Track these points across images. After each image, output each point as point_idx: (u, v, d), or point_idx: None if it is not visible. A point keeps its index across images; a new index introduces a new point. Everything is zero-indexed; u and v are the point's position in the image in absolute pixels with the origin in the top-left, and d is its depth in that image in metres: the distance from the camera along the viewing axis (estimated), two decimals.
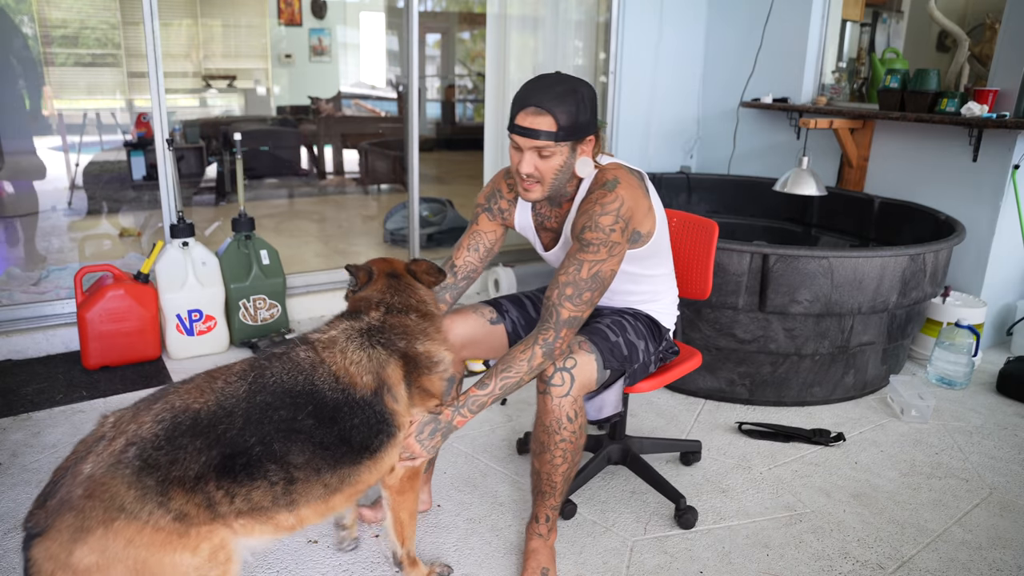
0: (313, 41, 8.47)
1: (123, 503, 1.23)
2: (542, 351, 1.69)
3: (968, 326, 3.08)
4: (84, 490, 1.22)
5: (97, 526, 1.21)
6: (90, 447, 1.29)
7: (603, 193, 1.73)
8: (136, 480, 1.25)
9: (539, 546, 1.89)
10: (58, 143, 6.50)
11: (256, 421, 1.38)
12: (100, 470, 1.24)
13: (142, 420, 1.32)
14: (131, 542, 1.22)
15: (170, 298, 3.12)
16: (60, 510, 1.21)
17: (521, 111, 1.68)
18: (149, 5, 3.06)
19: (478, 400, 1.68)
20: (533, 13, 4.20)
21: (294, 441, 1.40)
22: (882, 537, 2.13)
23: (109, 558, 1.21)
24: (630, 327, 1.93)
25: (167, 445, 1.29)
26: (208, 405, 1.36)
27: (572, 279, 1.70)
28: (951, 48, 4.08)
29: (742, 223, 4.16)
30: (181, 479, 1.28)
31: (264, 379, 1.44)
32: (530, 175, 1.72)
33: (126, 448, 1.27)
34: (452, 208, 4.92)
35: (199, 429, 1.32)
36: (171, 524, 1.26)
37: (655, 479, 2.22)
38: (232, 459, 1.33)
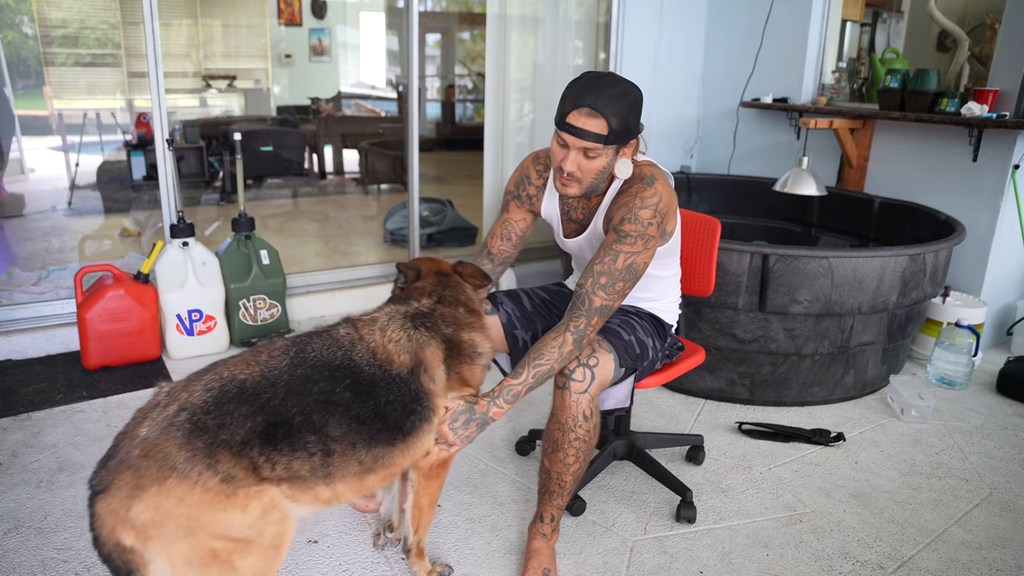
0: (313, 41, 8.48)
1: (175, 463, 1.30)
2: (573, 338, 1.71)
3: (968, 326, 3.08)
4: (140, 451, 1.31)
5: (151, 484, 1.28)
6: (146, 413, 1.38)
7: (643, 187, 1.76)
8: (186, 442, 1.32)
9: (542, 546, 1.89)
10: (58, 143, 6.50)
11: (297, 392, 1.44)
12: (154, 432, 1.33)
13: (193, 388, 1.40)
14: (182, 500, 1.30)
15: (170, 298, 3.12)
16: (119, 469, 1.30)
17: (575, 110, 1.67)
18: (149, 5, 3.06)
19: (513, 390, 1.68)
20: (533, 13, 4.20)
21: (332, 413, 1.46)
22: (882, 537, 2.13)
23: (163, 514, 1.28)
24: (638, 326, 1.95)
25: (215, 410, 1.37)
26: (253, 376, 1.44)
27: (607, 268, 1.72)
28: (951, 48, 4.08)
29: (742, 223, 4.16)
30: (228, 443, 1.35)
31: (305, 353, 1.51)
32: (571, 174, 1.73)
33: (178, 412, 1.35)
34: (452, 208, 4.91)
35: (245, 397, 1.40)
36: (218, 485, 1.33)
37: (661, 473, 2.23)
38: (275, 427, 1.40)
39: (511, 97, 4.27)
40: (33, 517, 2.08)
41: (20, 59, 6.62)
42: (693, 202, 4.31)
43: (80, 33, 6.92)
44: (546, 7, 4.19)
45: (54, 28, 6.67)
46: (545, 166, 1.99)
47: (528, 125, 4.36)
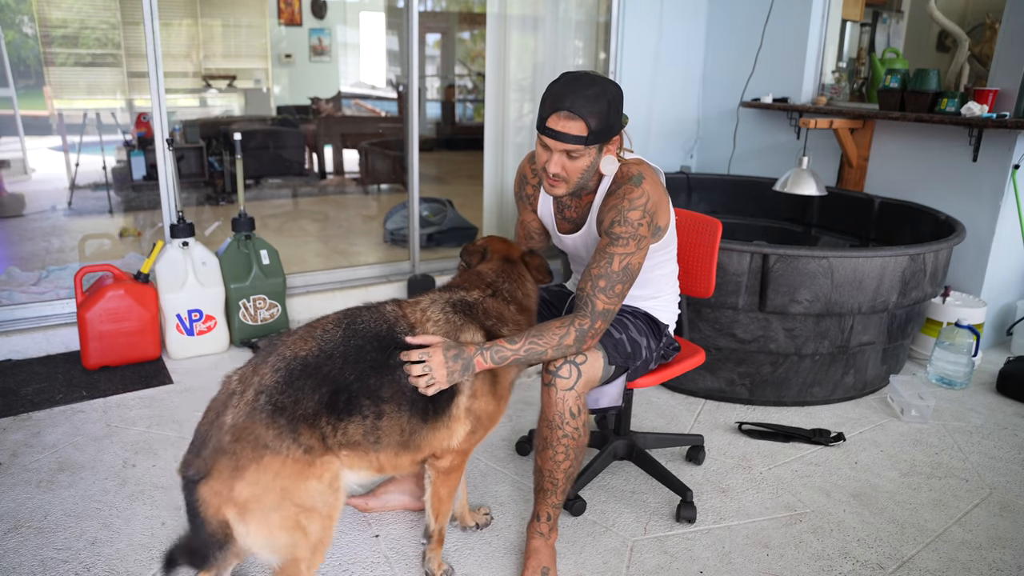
0: (313, 41, 8.48)
1: (266, 442, 1.43)
2: (576, 333, 1.73)
3: (968, 326, 3.08)
4: (231, 436, 1.43)
5: (250, 463, 1.41)
6: (225, 403, 1.49)
7: (630, 188, 1.77)
8: (272, 421, 1.45)
9: (540, 545, 1.89)
10: (58, 143, 6.51)
11: (353, 361, 1.56)
12: (240, 418, 1.45)
13: (263, 372, 1.51)
14: (278, 474, 1.43)
15: (170, 298, 3.12)
16: (216, 456, 1.42)
17: (553, 114, 1.70)
18: (149, 5, 3.06)
19: (502, 352, 1.69)
20: (533, 13, 4.20)
21: (383, 376, 1.57)
22: (882, 537, 2.13)
23: (262, 488, 1.42)
24: (631, 324, 1.95)
25: (288, 389, 1.49)
26: (312, 351, 1.55)
27: (604, 272, 1.75)
28: (951, 48, 4.08)
29: (742, 223, 4.16)
30: (304, 416, 1.48)
31: (356, 326, 1.62)
32: (557, 175, 1.76)
33: (257, 396, 1.47)
34: (452, 208, 4.91)
35: (309, 371, 1.52)
36: (303, 456, 1.46)
37: (661, 473, 2.23)
38: (337, 395, 1.52)
39: (511, 97, 4.27)
40: (33, 517, 2.08)
41: (20, 59, 6.62)
42: (693, 202, 4.31)
43: (80, 33, 6.93)
44: (546, 7, 4.19)
45: (54, 28, 6.68)
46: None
47: (528, 125, 4.36)
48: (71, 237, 4.91)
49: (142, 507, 2.14)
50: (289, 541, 1.48)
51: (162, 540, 2.00)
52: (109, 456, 2.41)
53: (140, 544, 1.98)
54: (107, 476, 2.29)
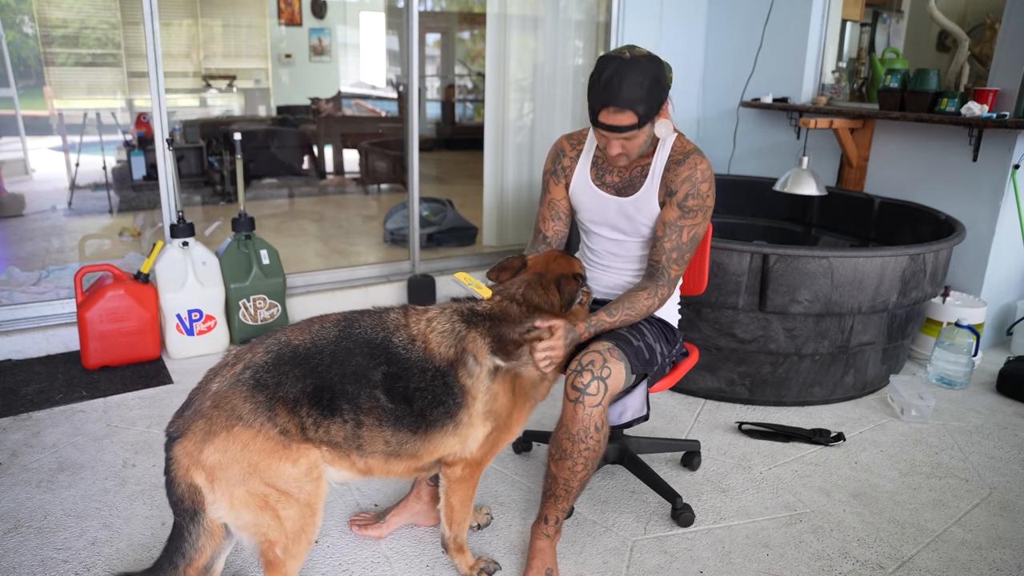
0: (313, 41, 8.48)
1: (241, 413, 1.48)
2: (659, 301, 1.90)
3: (968, 326, 3.08)
4: (212, 402, 1.49)
5: (221, 430, 1.46)
6: (217, 372, 1.56)
7: (699, 158, 1.90)
8: (251, 395, 1.50)
9: (545, 546, 1.89)
10: (58, 143, 6.51)
11: (339, 362, 1.58)
12: (224, 386, 1.51)
13: (256, 350, 1.57)
14: (246, 446, 1.47)
15: (170, 298, 3.12)
16: (193, 418, 1.48)
17: (602, 110, 1.79)
18: (149, 5, 3.06)
19: (602, 325, 1.84)
20: (533, 13, 4.20)
21: (363, 387, 1.58)
22: (882, 537, 2.13)
23: (229, 458, 1.46)
24: (647, 331, 1.96)
25: (274, 370, 1.53)
26: (305, 342, 1.59)
27: (676, 244, 1.90)
28: (951, 48, 4.08)
29: (742, 223, 4.16)
30: (284, 399, 1.51)
31: (352, 328, 1.64)
32: (620, 154, 1.86)
33: (243, 370, 1.53)
34: (452, 208, 4.91)
35: (298, 360, 1.56)
36: (277, 436, 1.50)
37: (652, 478, 2.22)
38: (320, 391, 1.55)
39: (511, 97, 4.27)
40: (33, 517, 2.08)
41: (21, 59, 6.62)
42: None
43: (80, 33, 6.93)
44: (546, 7, 4.19)
45: (54, 28, 6.68)
46: (579, 140, 2.08)
47: (528, 125, 4.36)
48: (71, 237, 4.91)
49: (142, 507, 2.14)
50: (256, 519, 1.50)
51: (162, 540, 1.99)
52: (109, 456, 2.41)
53: (140, 544, 1.98)
54: (107, 476, 2.29)
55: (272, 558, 1.55)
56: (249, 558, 1.93)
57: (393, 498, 2.22)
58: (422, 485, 2.06)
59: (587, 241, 2.14)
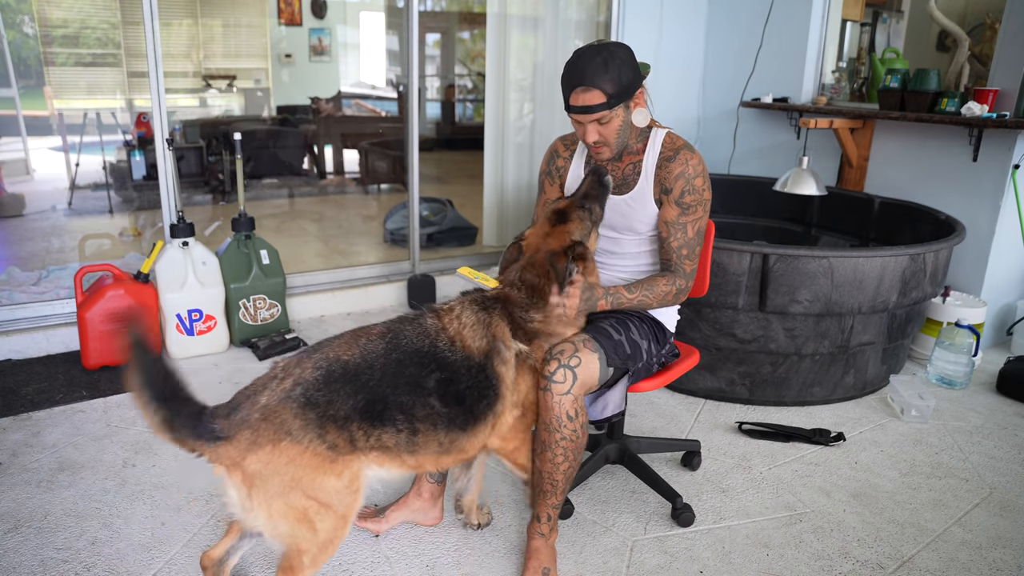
0: (313, 41, 8.48)
1: (290, 428, 1.48)
2: (676, 291, 1.92)
3: (968, 326, 3.08)
4: (260, 415, 1.49)
5: (267, 443, 1.47)
6: (265, 384, 1.55)
7: (689, 154, 1.94)
8: (301, 412, 1.50)
9: (540, 545, 1.89)
10: (58, 143, 6.51)
11: (391, 375, 1.60)
12: (273, 401, 1.50)
13: (305, 365, 1.56)
14: (292, 461, 1.48)
15: (170, 298, 3.12)
16: (240, 426, 1.48)
17: (572, 92, 1.84)
18: (149, 5, 3.06)
19: (619, 299, 1.85)
20: (533, 13, 4.20)
21: (418, 396, 1.61)
22: (882, 537, 2.13)
23: (272, 470, 1.47)
24: (635, 327, 1.95)
25: (325, 387, 1.54)
26: (354, 358, 1.60)
27: (684, 241, 1.93)
28: (951, 48, 4.07)
29: (742, 223, 4.16)
30: (335, 417, 1.52)
31: (398, 340, 1.66)
32: (597, 142, 1.89)
33: (294, 387, 1.52)
34: (452, 208, 4.91)
35: (348, 377, 1.56)
36: (325, 452, 1.50)
37: (652, 478, 2.22)
38: (372, 404, 1.56)
39: (511, 97, 4.27)
40: (33, 517, 2.08)
41: (21, 59, 6.62)
42: None
43: (80, 33, 6.93)
44: (546, 7, 4.19)
45: (54, 28, 6.68)
46: (573, 140, 2.11)
47: (528, 125, 4.36)
48: (71, 237, 4.91)
49: (142, 507, 2.14)
50: (292, 531, 1.51)
51: (162, 540, 2.00)
52: (109, 456, 2.41)
53: (140, 544, 1.98)
54: (107, 476, 2.29)
55: (296, 564, 1.55)
56: (249, 558, 1.93)
57: (392, 496, 2.22)
58: (423, 482, 2.06)
59: None
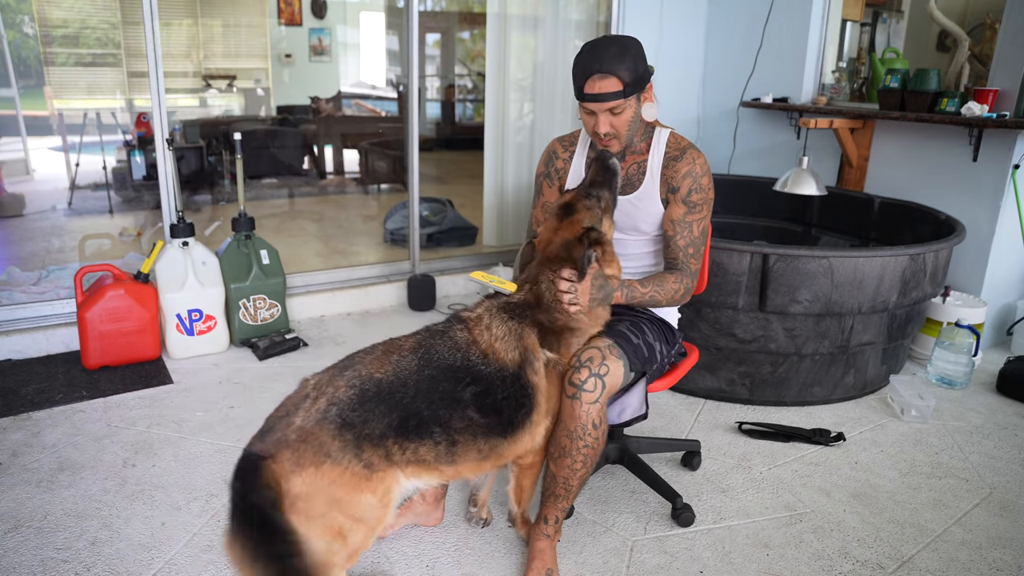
0: (313, 41, 8.48)
1: (329, 450, 1.48)
2: (684, 290, 1.94)
3: (968, 326, 3.08)
4: (297, 436, 1.48)
5: (310, 464, 1.46)
6: (298, 404, 1.55)
7: (696, 153, 1.94)
8: (339, 434, 1.50)
9: (545, 547, 1.89)
10: (58, 143, 6.51)
11: (425, 391, 1.60)
12: (309, 423, 1.50)
13: (338, 384, 1.56)
14: (333, 482, 1.48)
15: (170, 298, 3.12)
16: (280, 445, 1.47)
17: (587, 80, 1.81)
18: (149, 5, 3.06)
19: (634, 293, 1.86)
20: (533, 13, 4.20)
21: (455, 410, 1.61)
22: (882, 537, 2.13)
23: (315, 490, 1.47)
24: (648, 329, 1.96)
25: (360, 408, 1.54)
26: (388, 376, 1.59)
27: (690, 240, 1.94)
28: (951, 48, 4.07)
29: (742, 223, 4.16)
30: (370, 436, 1.52)
31: (430, 355, 1.65)
32: (608, 134, 1.87)
33: (328, 407, 1.52)
34: (452, 208, 4.91)
35: (382, 396, 1.56)
36: (362, 471, 1.51)
37: (652, 478, 2.22)
38: (406, 421, 1.56)
39: (511, 97, 4.27)
40: (33, 517, 2.08)
41: (21, 59, 6.62)
42: None
43: (80, 33, 6.93)
44: (546, 7, 4.19)
45: (54, 28, 6.68)
46: (571, 141, 2.09)
47: (528, 125, 4.36)
48: (71, 237, 4.91)
49: (142, 507, 2.14)
50: (327, 547, 1.51)
51: (162, 540, 2.00)
52: (109, 456, 2.41)
53: (140, 544, 1.98)
54: (107, 476, 2.29)
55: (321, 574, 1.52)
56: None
57: None
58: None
59: None
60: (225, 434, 2.57)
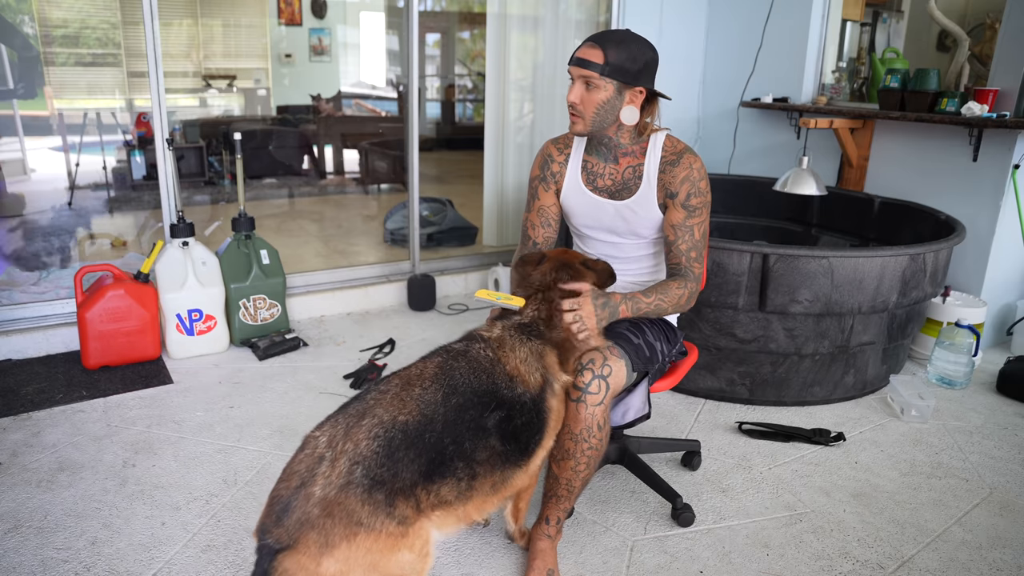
0: (313, 41, 8.47)
1: (360, 518, 1.34)
2: (689, 295, 1.90)
3: (968, 326, 3.08)
4: (321, 510, 1.33)
5: (341, 541, 1.32)
6: (313, 469, 1.38)
7: (693, 157, 1.93)
8: (368, 497, 1.36)
9: (547, 547, 1.90)
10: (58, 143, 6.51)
11: (452, 423, 1.49)
12: (332, 492, 1.35)
13: (357, 438, 1.41)
14: (369, 550, 1.35)
15: (170, 298, 3.12)
16: (302, 528, 1.32)
17: (582, 46, 1.84)
18: (149, 5, 3.06)
19: (638, 304, 1.83)
20: (533, 13, 4.20)
21: (480, 439, 1.52)
22: (882, 537, 2.13)
23: (351, 565, 1.34)
24: (648, 329, 1.96)
25: (387, 461, 1.39)
26: (413, 415, 1.46)
27: (692, 243, 1.92)
28: (951, 48, 4.08)
29: (742, 223, 4.16)
30: (402, 489, 1.40)
31: (454, 381, 1.54)
32: (573, 104, 1.85)
33: (352, 468, 1.37)
34: (452, 208, 4.91)
35: (410, 441, 1.43)
36: (397, 529, 1.39)
37: (652, 478, 2.22)
38: (433, 463, 1.45)
39: (511, 97, 4.27)
40: (33, 517, 2.08)
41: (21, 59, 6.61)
42: None
43: (80, 33, 6.92)
44: (546, 7, 4.19)
45: (54, 28, 6.67)
46: (565, 143, 2.06)
47: (528, 125, 4.36)
48: (71, 237, 4.90)
49: (142, 507, 2.14)
50: None
51: (162, 540, 2.00)
52: (109, 456, 2.41)
53: (140, 544, 1.98)
54: (107, 476, 2.29)
55: None
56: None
57: None
58: None
59: (582, 245, 2.14)
60: (225, 434, 2.57)
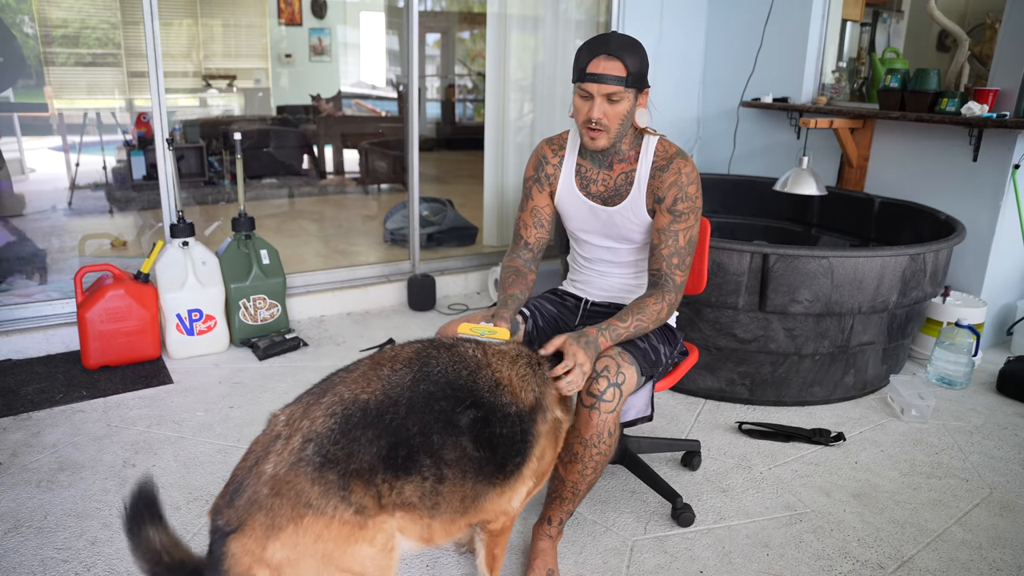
0: (313, 41, 8.47)
1: (309, 499, 1.25)
2: (668, 307, 1.85)
3: (968, 326, 3.08)
4: (270, 489, 1.24)
5: (287, 523, 1.23)
6: (268, 447, 1.30)
7: (683, 162, 1.88)
8: (319, 476, 1.26)
9: (547, 547, 1.90)
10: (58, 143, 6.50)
11: (418, 410, 1.38)
12: (283, 469, 1.26)
13: (314, 415, 1.32)
14: (320, 537, 1.25)
15: (170, 298, 3.12)
16: (250, 509, 1.24)
17: (593, 59, 1.76)
18: (149, 5, 3.06)
19: (617, 330, 1.78)
20: (533, 13, 4.20)
21: (449, 435, 1.40)
22: (882, 537, 2.13)
23: (300, 552, 1.24)
24: (651, 334, 1.95)
25: (342, 439, 1.30)
26: (375, 395, 1.37)
27: (675, 249, 1.87)
28: (951, 48, 4.08)
29: (742, 223, 4.16)
30: (358, 471, 1.29)
31: (429, 367, 1.45)
32: (599, 121, 1.79)
33: (304, 445, 1.28)
34: (452, 208, 4.91)
35: (369, 420, 1.33)
36: (353, 517, 1.28)
37: (652, 478, 2.22)
38: (395, 449, 1.34)
39: (511, 97, 4.27)
40: (33, 517, 2.08)
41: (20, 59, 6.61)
42: None
43: (80, 33, 6.92)
44: (546, 7, 4.19)
45: (54, 28, 6.67)
46: (560, 145, 2.03)
47: (528, 125, 4.36)
48: (71, 237, 4.90)
49: None
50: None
51: None
52: (109, 456, 2.41)
53: None
54: (107, 476, 2.29)
55: None
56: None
57: None
58: None
59: (578, 248, 2.14)
60: (225, 434, 2.57)
